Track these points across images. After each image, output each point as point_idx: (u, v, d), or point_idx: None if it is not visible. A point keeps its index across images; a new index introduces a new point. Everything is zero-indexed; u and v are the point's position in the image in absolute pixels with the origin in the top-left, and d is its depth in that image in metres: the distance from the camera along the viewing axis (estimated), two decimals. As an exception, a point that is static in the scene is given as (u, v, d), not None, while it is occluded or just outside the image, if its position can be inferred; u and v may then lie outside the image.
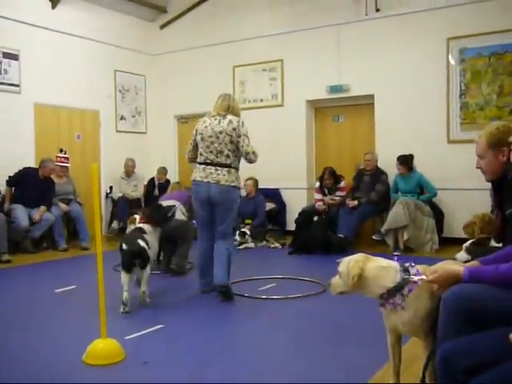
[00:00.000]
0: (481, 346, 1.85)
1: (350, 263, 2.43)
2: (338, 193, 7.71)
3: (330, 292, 2.57)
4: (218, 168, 4.64)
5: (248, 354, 3.40)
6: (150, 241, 4.69)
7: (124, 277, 4.36)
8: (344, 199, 7.63)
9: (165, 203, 5.85)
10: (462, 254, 4.06)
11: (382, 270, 2.41)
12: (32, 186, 7.35)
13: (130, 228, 7.79)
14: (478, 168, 2.72)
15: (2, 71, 7.72)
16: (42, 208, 7.36)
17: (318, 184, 7.88)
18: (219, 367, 3.18)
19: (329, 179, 7.68)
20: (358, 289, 2.44)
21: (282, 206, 8.68)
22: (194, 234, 5.91)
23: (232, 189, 4.66)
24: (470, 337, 1.92)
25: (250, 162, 4.76)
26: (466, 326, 1.97)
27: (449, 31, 7.44)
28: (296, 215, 7.81)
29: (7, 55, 7.76)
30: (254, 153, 4.70)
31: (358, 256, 2.48)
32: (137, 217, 7.94)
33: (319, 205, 7.63)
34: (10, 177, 7.39)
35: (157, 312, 4.52)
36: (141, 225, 5.00)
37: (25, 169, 7.51)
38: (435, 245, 7.00)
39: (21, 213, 7.14)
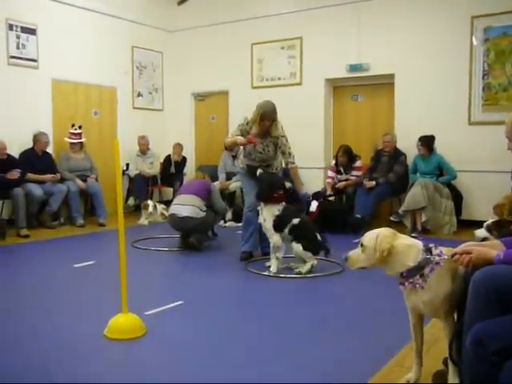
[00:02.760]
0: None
1: (378, 237, 2.38)
2: (353, 172, 7.66)
3: (348, 266, 2.51)
4: None
5: (268, 332, 3.41)
6: None
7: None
8: (360, 179, 7.58)
9: (184, 199, 5.93)
10: (482, 231, 4.07)
11: (407, 247, 2.38)
12: (35, 164, 7.36)
13: (146, 213, 7.90)
14: (509, 149, 2.66)
15: (20, 46, 7.71)
16: (49, 176, 7.42)
17: (333, 162, 7.86)
18: (239, 344, 3.18)
19: (342, 156, 7.63)
20: (382, 264, 2.39)
21: (298, 186, 8.63)
22: (214, 221, 6.24)
23: None
24: (504, 318, 1.89)
25: None
26: (495, 307, 1.94)
27: (473, 9, 7.26)
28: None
29: (25, 30, 7.73)
30: None
31: (386, 231, 2.44)
32: (149, 203, 8.02)
33: (329, 183, 7.72)
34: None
35: (176, 288, 4.56)
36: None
37: (22, 154, 7.44)
38: (453, 227, 6.94)
39: (33, 186, 7.17)
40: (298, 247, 4.84)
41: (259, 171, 5.11)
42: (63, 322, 3.56)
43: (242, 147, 5.47)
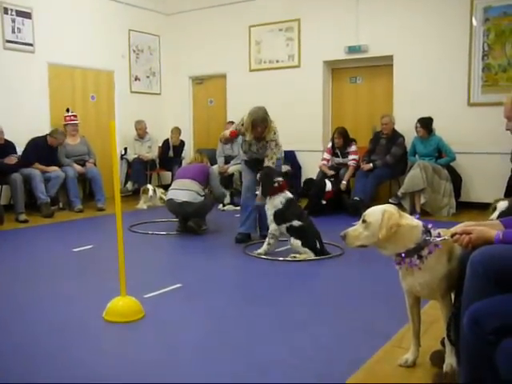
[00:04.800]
0: (512, 307, 1.82)
1: (385, 214, 2.30)
2: (350, 156, 7.62)
3: (346, 244, 2.42)
4: None
5: (267, 314, 3.41)
6: None
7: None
8: (358, 164, 7.56)
9: (182, 184, 5.93)
10: (504, 203, 4.17)
11: (411, 228, 2.32)
12: (41, 154, 7.34)
13: (145, 197, 7.88)
14: (507, 130, 2.63)
15: (16, 30, 7.63)
16: (53, 168, 7.43)
17: (330, 144, 7.82)
18: (238, 326, 3.19)
19: (338, 138, 7.59)
20: (384, 243, 2.31)
21: (297, 169, 8.63)
22: (212, 206, 6.25)
23: None
24: (501, 297, 1.89)
25: None
26: (492, 287, 1.94)
27: (473, -11, 7.19)
28: (312, 176, 7.82)
29: (20, 13, 7.65)
30: None
31: (391, 208, 2.36)
32: (149, 187, 8.01)
33: (324, 165, 7.69)
34: (24, 153, 7.31)
35: (175, 272, 4.57)
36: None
37: (32, 141, 7.43)
38: (452, 209, 6.94)
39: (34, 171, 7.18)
40: (296, 242, 4.82)
41: (258, 176, 5.16)
42: (62, 306, 3.56)
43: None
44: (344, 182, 7.47)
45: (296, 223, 4.86)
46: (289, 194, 5.01)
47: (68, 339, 2.99)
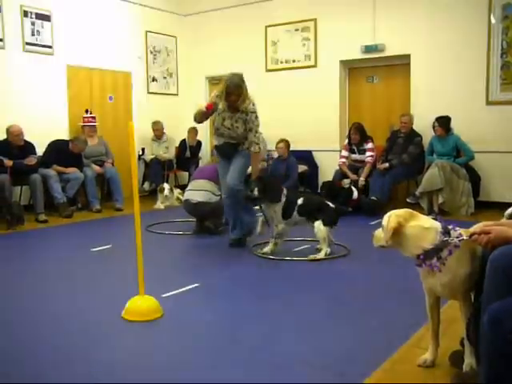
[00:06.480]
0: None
1: (390, 217, 2.38)
2: (367, 153, 7.62)
3: (373, 243, 2.51)
4: None
5: (284, 314, 3.42)
6: None
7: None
8: (374, 162, 7.55)
9: (198, 185, 5.98)
10: None
11: (423, 230, 2.34)
12: (61, 157, 7.41)
13: (162, 196, 7.94)
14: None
15: (35, 32, 7.74)
16: (72, 169, 7.49)
17: (346, 141, 7.86)
18: (254, 326, 3.20)
19: (355, 134, 7.61)
20: (396, 245, 2.38)
21: (314, 168, 8.63)
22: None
23: None
24: (522, 296, 1.88)
25: None
26: (512, 286, 1.93)
27: (491, -14, 7.11)
28: (328, 177, 7.80)
29: (40, 16, 7.75)
30: None
31: (402, 211, 2.42)
32: (165, 186, 8.06)
33: (343, 163, 7.68)
34: (44, 155, 7.37)
35: (193, 271, 4.59)
36: None
37: (54, 143, 7.51)
38: (471, 208, 6.87)
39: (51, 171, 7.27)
40: (319, 225, 4.80)
41: (257, 187, 4.84)
42: (81, 305, 3.61)
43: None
44: (362, 179, 7.46)
45: (300, 201, 4.90)
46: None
47: (87, 338, 3.02)
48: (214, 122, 5.12)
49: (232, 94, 4.80)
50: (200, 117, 5.06)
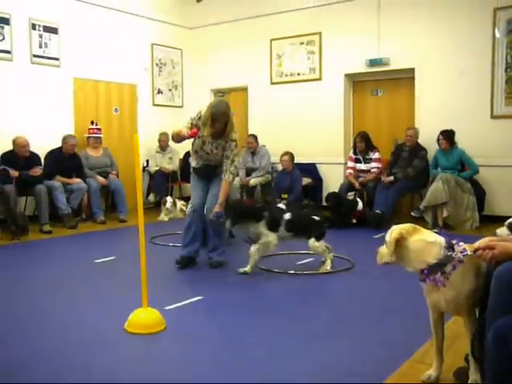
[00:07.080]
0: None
1: (393, 232, 2.37)
2: (373, 164, 7.63)
3: (377, 261, 2.49)
4: None
5: (286, 329, 3.40)
6: None
7: None
8: (379, 174, 7.57)
9: None
10: (503, 230, 3.98)
11: (426, 244, 2.33)
12: (61, 166, 7.44)
13: (164, 209, 7.96)
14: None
15: (43, 45, 7.81)
16: (76, 180, 7.52)
17: (351, 151, 7.90)
18: (257, 339, 3.19)
19: (360, 142, 7.69)
20: (399, 260, 2.37)
21: (318, 181, 8.63)
22: None
23: None
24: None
25: None
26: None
27: (496, 1, 7.13)
28: (333, 190, 7.81)
29: (47, 29, 7.82)
30: None
31: (405, 225, 2.41)
32: (168, 198, 8.07)
33: (350, 173, 7.75)
34: (44, 167, 7.32)
35: (196, 284, 4.58)
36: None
37: (49, 153, 7.53)
38: (475, 222, 6.84)
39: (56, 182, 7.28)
40: (313, 243, 4.82)
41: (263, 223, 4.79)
42: (84, 317, 3.60)
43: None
44: (364, 178, 7.58)
45: (287, 216, 4.82)
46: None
47: (90, 350, 3.01)
48: (193, 143, 5.01)
49: (217, 122, 4.67)
50: (178, 138, 4.89)
